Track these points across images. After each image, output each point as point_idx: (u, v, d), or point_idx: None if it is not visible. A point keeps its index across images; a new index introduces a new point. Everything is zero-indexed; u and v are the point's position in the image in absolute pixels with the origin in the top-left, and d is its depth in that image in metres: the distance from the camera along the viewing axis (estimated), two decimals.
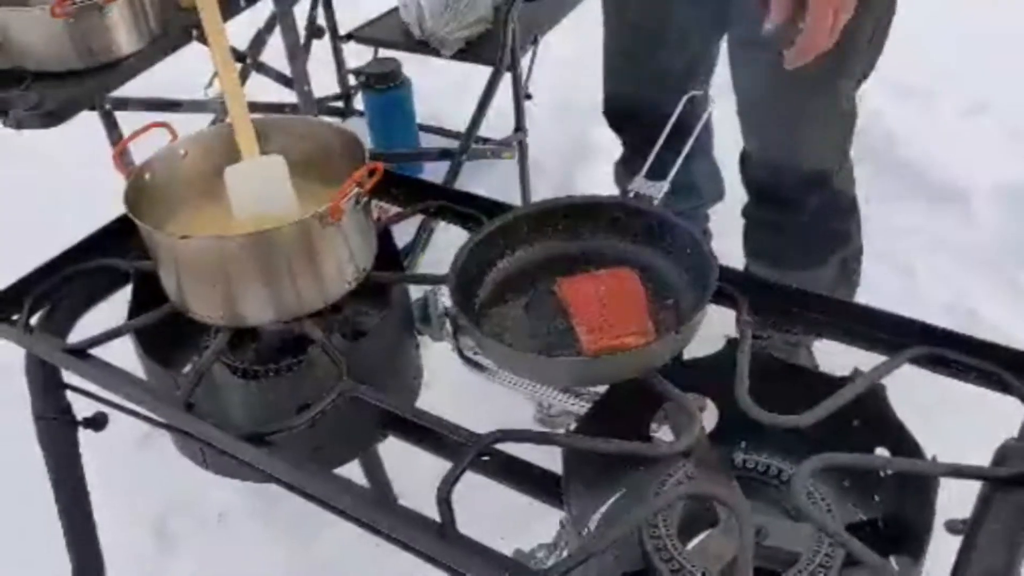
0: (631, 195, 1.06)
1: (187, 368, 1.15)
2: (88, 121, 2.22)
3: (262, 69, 2.55)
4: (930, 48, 2.71)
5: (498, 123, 2.60)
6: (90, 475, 1.34)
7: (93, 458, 1.35)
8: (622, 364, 0.92)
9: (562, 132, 2.91)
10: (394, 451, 1.23)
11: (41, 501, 1.33)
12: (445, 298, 1.17)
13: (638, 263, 1.04)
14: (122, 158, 1.15)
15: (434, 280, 1.13)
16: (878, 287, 2.19)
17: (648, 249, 1.05)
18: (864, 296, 1.01)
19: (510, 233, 1.07)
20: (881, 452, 0.93)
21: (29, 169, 2.90)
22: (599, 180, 2.24)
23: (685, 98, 1.14)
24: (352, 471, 1.70)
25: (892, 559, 0.86)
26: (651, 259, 1.04)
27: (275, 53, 2.50)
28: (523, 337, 0.99)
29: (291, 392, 1.06)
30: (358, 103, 2.98)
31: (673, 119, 1.11)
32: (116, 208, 1.15)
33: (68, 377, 1.20)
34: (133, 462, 1.93)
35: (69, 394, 1.23)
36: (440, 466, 0.87)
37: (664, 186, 1.06)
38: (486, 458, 0.97)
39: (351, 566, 1.70)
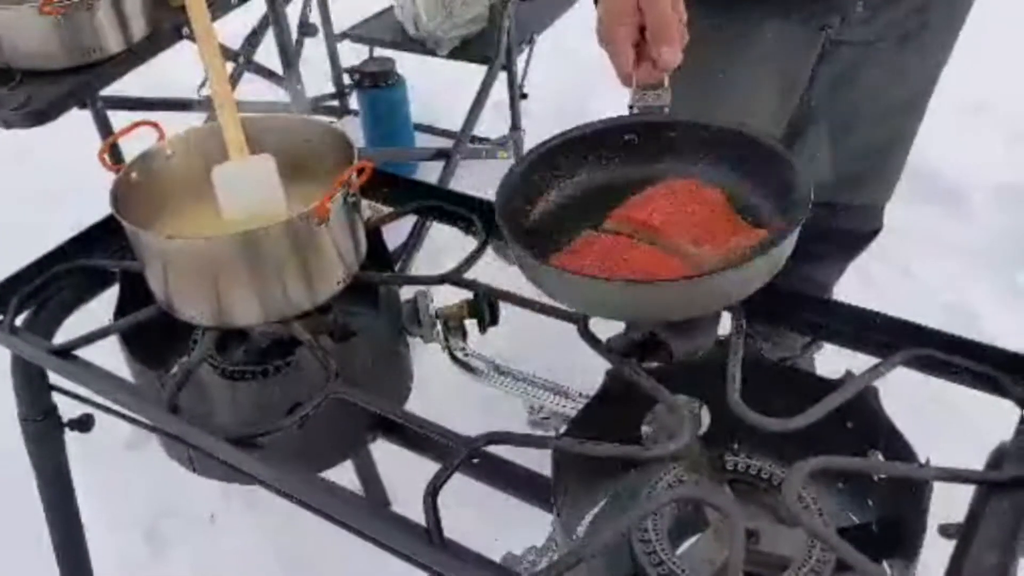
0: (635, 111, 1.02)
1: (174, 370, 1.14)
2: (81, 121, 2.22)
3: (255, 68, 2.55)
4: None
5: (494, 122, 2.59)
6: (80, 478, 1.33)
7: (83, 461, 1.34)
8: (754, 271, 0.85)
9: (558, 130, 2.91)
10: (390, 453, 1.21)
11: (28, 504, 1.32)
12: (436, 299, 1.15)
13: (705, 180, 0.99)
14: (109, 157, 1.13)
15: (424, 281, 1.12)
16: (877, 288, 2.19)
17: (714, 168, 1.00)
18: (863, 297, 1.00)
19: (553, 162, 1.02)
20: (874, 455, 0.92)
21: (17, 169, 2.89)
22: None
23: None
24: (347, 474, 1.70)
25: (885, 563, 0.85)
26: (719, 177, 0.99)
27: (269, 52, 2.50)
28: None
29: (279, 394, 1.05)
30: (353, 102, 2.98)
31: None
32: (104, 208, 1.14)
33: (54, 378, 1.18)
34: (123, 465, 1.92)
35: (55, 396, 1.22)
36: (434, 469, 0.86)
37: (666, 93, 1.01)
38: (476, 460, 0.96)
39: (343, 565, 1.68)
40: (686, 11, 1.07)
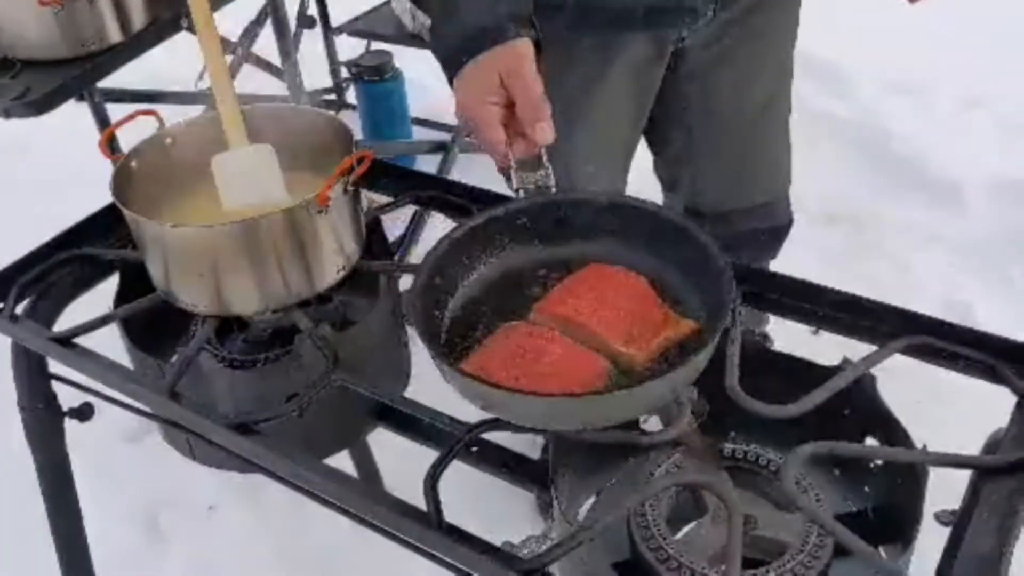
0: (521, 192, 0.96)
1: (174, 358, 1.14)
2: (79, 116, 2.21)
3: (253, 60, 2.54)
4: (925, 43, 2.71)
5: None
6: (79, 470, 1.33)
7: (82, 452, 1.34)
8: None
9: None
10: (386, 445, 1.22)
11: (27, 494, 1.32)
12: None
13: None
14: (109, 146, 1.13)
15: None
16: (873, 281, 2.19)
17: (626, 248, 0.93)
18: (858, 290, 1.00)
19: (454, 259, 0.93)
20: (871, 442, 0.93)
21: (16, 162, 2.89)
22: None
23: None
24: (343, 464, 1.70)
25: (881, 549, 0.86)
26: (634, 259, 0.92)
27: (267, 45, 2.49)
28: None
29: (279, 382, 1.05)
30: (351, 96, 2.97)
31: None
32: (102, 201, 1.15)
33: (54, 367, 1.18)
34: (122, 457, 1.92)
35: (55, 385, 1.22)
36: (431, 458, 0.86)
37: (549, 172, 0.96)
38: (475, 448, 0.96)
39: (342, 557, 1.69)
40: (553, 34, 1.06)
